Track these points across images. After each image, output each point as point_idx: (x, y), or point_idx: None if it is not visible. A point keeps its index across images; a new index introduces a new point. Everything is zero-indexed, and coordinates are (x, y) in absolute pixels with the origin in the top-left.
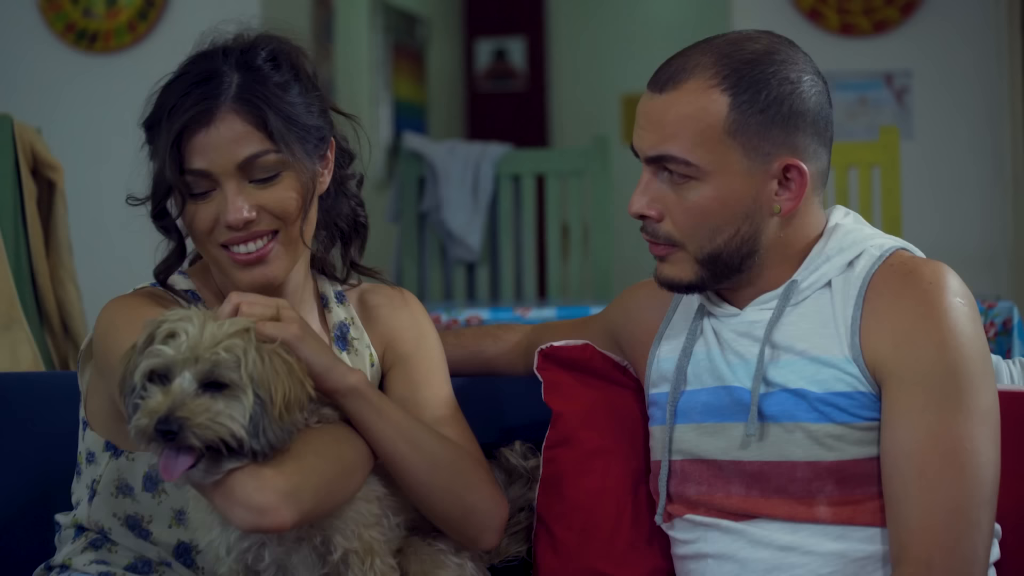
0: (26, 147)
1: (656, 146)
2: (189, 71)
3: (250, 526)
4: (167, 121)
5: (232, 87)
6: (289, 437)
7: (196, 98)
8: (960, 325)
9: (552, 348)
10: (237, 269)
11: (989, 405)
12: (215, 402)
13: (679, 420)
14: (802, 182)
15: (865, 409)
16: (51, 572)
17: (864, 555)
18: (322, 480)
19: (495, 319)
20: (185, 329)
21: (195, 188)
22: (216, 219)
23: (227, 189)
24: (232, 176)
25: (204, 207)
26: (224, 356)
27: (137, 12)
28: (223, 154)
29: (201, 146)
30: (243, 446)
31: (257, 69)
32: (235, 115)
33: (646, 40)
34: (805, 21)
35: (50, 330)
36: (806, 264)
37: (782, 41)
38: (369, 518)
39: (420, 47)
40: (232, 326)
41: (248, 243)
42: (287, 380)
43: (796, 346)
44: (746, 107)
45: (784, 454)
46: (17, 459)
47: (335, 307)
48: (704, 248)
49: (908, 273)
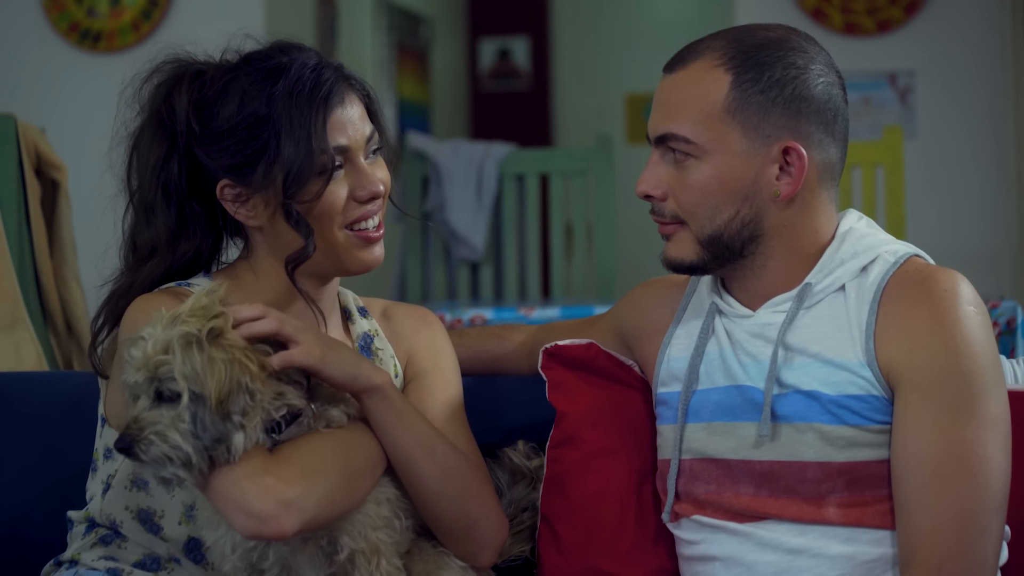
0: (30, 147)
1: (660, 125)
2: (282, 64)
3: (249, 533)
4: (304, 103)
5: (338, 70)
6: (236, 426)
7: (328, 77)
8: (973, 333)
9: (557, 347)
10: (364, 249)
11: (1000, 412)
12: (163, 414)
13: (690, 419)
14: (801, 165)
15: (878, 413)
16: (60, 568)
17: (872, 558)
18: (326, 488)
19: (499, 319)
20: (143, 338)
21: (335, 166)
22: (347, 197)
23: (359, 164)
24: (362, 151)
25: (337, 186)
26: (165, 366)
27: (141, 12)
28: (357, 129)
29: (340, 123)
30: (190, 459)
31: (334, 62)
32: (355, 94)
33: (650, 40)
34: (809, 20)
35: (54, 330)
36: (819, 267)
37: (800, 34)
38: (377, 520)
39: (424, 46)
40: (171, 329)
41: (375, 217)
42: (224, 369)
43: (810, 348)
44: (748, 86)
45: (795, 454)
46: (21, 458)
47: (358, 319)
48: (705, 228)
49: (923, 280)
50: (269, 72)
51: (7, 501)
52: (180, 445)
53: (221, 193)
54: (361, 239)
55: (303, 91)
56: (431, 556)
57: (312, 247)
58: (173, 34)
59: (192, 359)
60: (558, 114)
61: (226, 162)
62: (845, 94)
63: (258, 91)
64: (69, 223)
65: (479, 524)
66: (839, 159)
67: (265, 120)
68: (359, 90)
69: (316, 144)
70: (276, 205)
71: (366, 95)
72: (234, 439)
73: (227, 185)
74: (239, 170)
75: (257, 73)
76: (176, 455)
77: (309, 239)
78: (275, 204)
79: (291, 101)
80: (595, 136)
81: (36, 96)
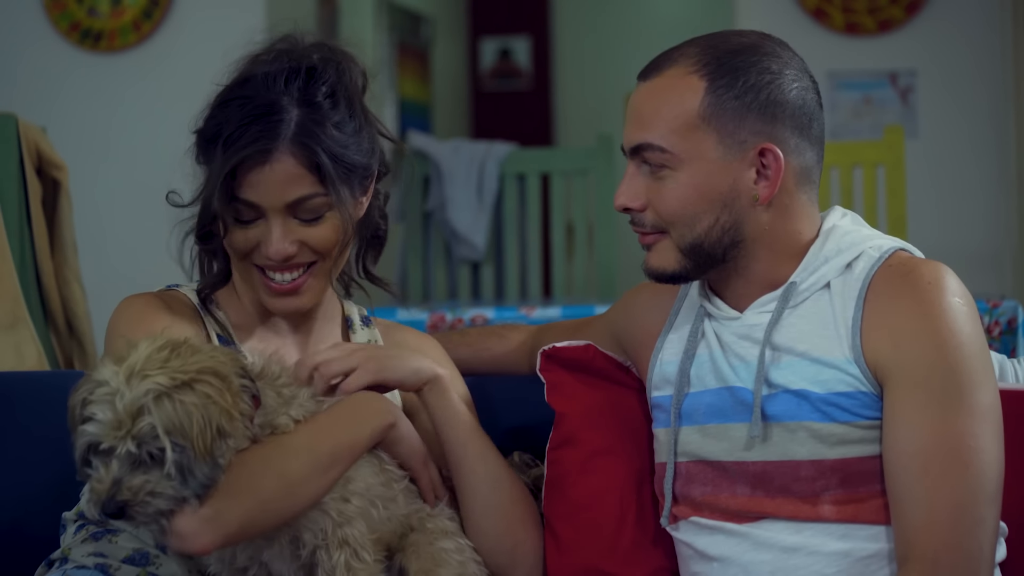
0: (31, 146)
1: (635, 136)
2: (250, 96)
3: (176, 549)
4: (223, 151)
5: (291, 126)
6: (221, 467)
7: (255, 134)
8: (959, 324)
9: (555, 349)
10: (269, 296)
11: (990, 403)
12: (149, 475)
13: (683, 422)
14: (777, 167)
15: (867, 409)
16: (51, 567)
17: (868, 554)
18: (254, 500)
19: (500, 318)
20: (106, 398)
21: (242, 216)
22: (256, 245)
23: (273, 224)
24: (279, 213)
25: (247, 232)
26: (143, 426)
27: (142, 11)
28: (275, 192)
29: (255, 181)
30: (184, 501)
31: (317, 106)
32: (291, 156)
33: (651, 39)
34: (810, 20)
35: (55, 329)
36: (804, 265)
37: (774, 40)
38: (339, 517)
39: (425, 46)
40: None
41: (284, 273)
42: (202, 414)
43: (797, 347)
44: (722, 92)
45: (788, 453)
46: (21, 458)
47: (360, 329)
48: (685, 237)
49: (907, 274)
50: (230, 98)
51: (7, 501)
52: (174, 496)
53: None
54: (265, 285)
55: (232, 137)
56: (428, 553)
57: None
58: (174, 34)
59: (168, 413)
60: (559, 114)
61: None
62: (819, 98)
63: (217, 116)
64: (70, 222)
65: (524, 545)
66: (816, 162)
67: (213, 141)
68: (307, 154)
69: (219, 194)
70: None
71: (315, 160)
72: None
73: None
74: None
75: (229, 95)
76: (171, 506)
77: (221, 271)
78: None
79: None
80: (596, 136)
81: (37, 95)
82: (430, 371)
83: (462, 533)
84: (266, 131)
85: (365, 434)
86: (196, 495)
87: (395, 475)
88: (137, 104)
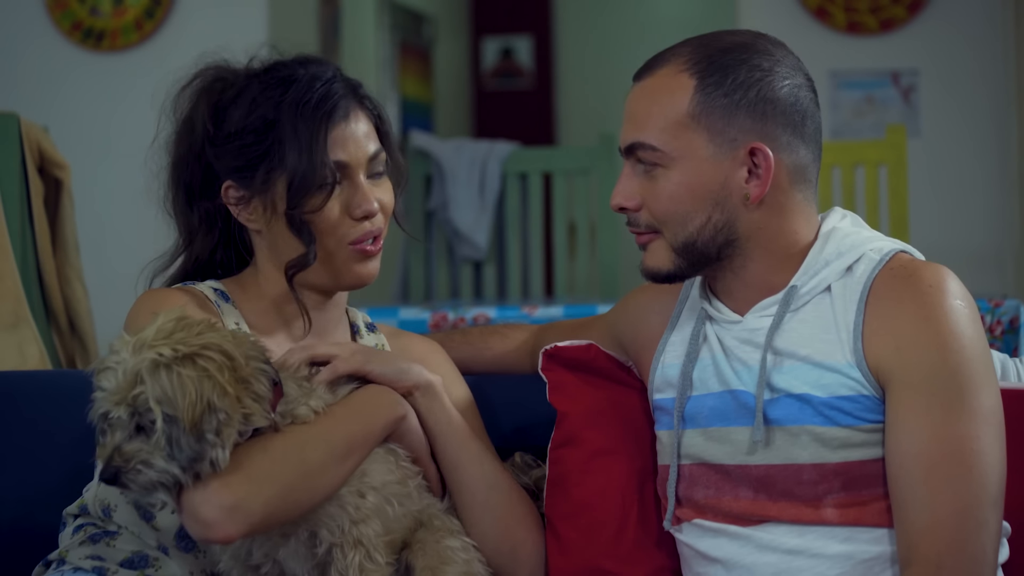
0: (33, 145)
1: (629, 135)
2: (296, 75)
3: (198, 538)
4: (309, 115)
5: (351, 87)
6: (209, 443)
7: (326, 93)
8: (960, 327)
9: (556, 348)
10: (359, 262)
11: (992, 405)
12: (145, 442)
13: (686, 425)
14: (768, 166)
15: (870, 412)
16: (48, 568)
17: (871, 556)
18: (276, 488)
19: (502, 317)
20: (113, 366)
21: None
22: (341, 212)
23: (359, 181)
24: (363, 168)
25: (334, 202)
26: (141, 396)
27: (144, 11)
28: (361, 147)
29: (342, 139)
30: (177, 481)
31: (351, 80)
32: (361, 110)
33: (653, 39)
34: (812, 19)
35: (57, 329)
36: (804, 269)
37: (768, 39)
38: (358, 513)
39: (427, 45)
40: (138, 356)
41: (371, 234)
42: (195, 387)
43: (799, 352)
44: (712, 89)
45: (790, 457)
46: (24, 457)
47: (366, 335)
48: (678, 236)
49: (908, 277)
50: (282, 80)
51: (10, 500)
52: (166, 469)
53: (225, 194)
54: (358, 252)
55: (309, 102)
56: (434, 550)
57: (313, 255)
58: (176, 33)
59: (162, 383)
60: (561, 113)
61: (230, 163)
62: (816, 96)
63: (268, 98)
64: (72, 222)
65: (525, 546)
66: (812, 161)
67: (270, 126)
68: (370, 110)
69: (317, 157)
70: (277, 211)
71: (377, 116)
72: (217, 455)
73: (231, 186)
74: (241, 172)
75: (271, 80)
76: (163, 479)
77: (311, 247)
78: (274, 210)
79: (297, 111)
80: (598, 135)
81: (39, 95)
82: (419, 376)
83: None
84: (335, 90)
85: (379, 425)
86: (182, 468)
87: (410, 471)
88: (139, 103)
